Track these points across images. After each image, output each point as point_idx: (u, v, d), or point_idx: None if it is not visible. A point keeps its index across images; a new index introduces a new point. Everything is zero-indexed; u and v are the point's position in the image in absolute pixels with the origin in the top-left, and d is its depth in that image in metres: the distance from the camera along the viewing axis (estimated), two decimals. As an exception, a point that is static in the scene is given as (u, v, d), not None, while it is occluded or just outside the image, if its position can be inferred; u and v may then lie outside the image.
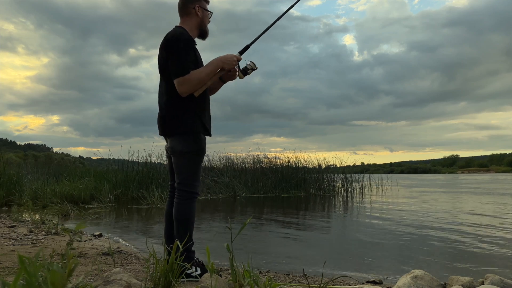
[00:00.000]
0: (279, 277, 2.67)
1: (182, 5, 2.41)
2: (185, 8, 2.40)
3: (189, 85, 2.24)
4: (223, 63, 2.35)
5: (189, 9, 2.39)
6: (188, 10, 2.39)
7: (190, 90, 2.26)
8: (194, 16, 2.40)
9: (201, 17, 2.41)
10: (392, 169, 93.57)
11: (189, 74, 2.23)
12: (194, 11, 2.39)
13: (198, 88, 2.28)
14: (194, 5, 2.39)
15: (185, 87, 2.23)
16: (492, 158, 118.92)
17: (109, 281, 1.72)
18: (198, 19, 2.41)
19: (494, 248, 3.77)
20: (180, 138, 2.33)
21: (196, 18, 2.40)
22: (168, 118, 2.37)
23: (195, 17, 2.40)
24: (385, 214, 6.76)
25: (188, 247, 2.27)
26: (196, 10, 2.39)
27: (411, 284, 2.02)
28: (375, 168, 32.27)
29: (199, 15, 2.40)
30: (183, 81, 2.22)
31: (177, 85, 2.24)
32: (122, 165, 11.07)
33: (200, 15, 2.40)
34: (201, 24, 2.43)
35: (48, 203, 7.44)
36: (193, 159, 2.36)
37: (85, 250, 3.33)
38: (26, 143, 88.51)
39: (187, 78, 2.22)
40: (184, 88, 2.23)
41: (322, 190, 13.00)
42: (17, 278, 0.87)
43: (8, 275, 2.29)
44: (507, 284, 2.07)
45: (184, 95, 2.26)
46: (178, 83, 2.23)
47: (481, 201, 9.24)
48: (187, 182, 2.35)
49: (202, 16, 2.42)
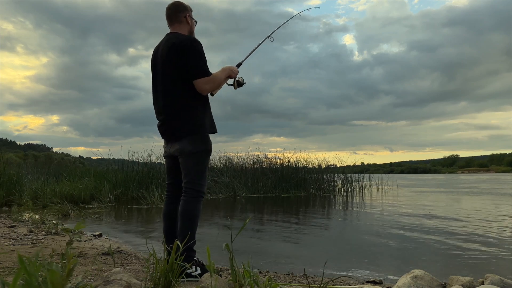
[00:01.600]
0: (279, 277, 2.67)
1: (174, 14, 2.57)
2: (177, 16, 2.57)
3: (212, 85, 2.44)
4: (232, 72, 2.62)
5: (180, 17, 2.57)
6: (180, 18, 2.57)
7: (212, 89, 2.48)
8: (185, 24, 2.58)
9: (190, 25, 2.61)
10: (392, 169, 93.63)
11: (213, 75, 2.44)
12: (185, 20, 2.58)
13: (216, 88, 2.52)
14: (184, 14, 2.58)
15: (209, 86, 2.42)
16: (492, 158, 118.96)
17: (109, 281, 1.72)
18: (188, 26, 2.60)
19: (494, 248, 3.77)
20: (189, 139, 2.41)
21: (186, 26, 2.59)
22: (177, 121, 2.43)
23: (186, 25, 2.59)
24: (385, 214, 6.76)
25: (190, 246, 2.30)
26: (187, 19, 2.58)
27: (411, 284, 2.02)
28: (375, 168, 32.25)
29: (189, 23, 2.60)
30: (208, 81, 2.40)
31: (202, 83, 2.39)
32: (122, 165, 11.08)
33: (189, 23, 2.60)
34: (190, 31, 2.61)
35: (48, 203, 7.44)
36: (201, 159, 2.45)
37: (85, 250, 3.33)
38: (26, 143, 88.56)
39: (212, 79, 2.42)
40: (208, 86, 2.42)
41: (322, 190, 13.00)
42: (17, 278, 0.87)
43: (8, 275, 2.29)
44: (507, 284, 2.07)
45: (206, 93, 2.45)
46: (202, 82, 2.39)
47: (481, 201, 9.24)
48: (195, 181, 2.42)
49: (191, 24, 2.61)
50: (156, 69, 2.52)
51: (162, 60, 2.45)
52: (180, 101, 2.41)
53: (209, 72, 2.42)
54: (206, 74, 2.39)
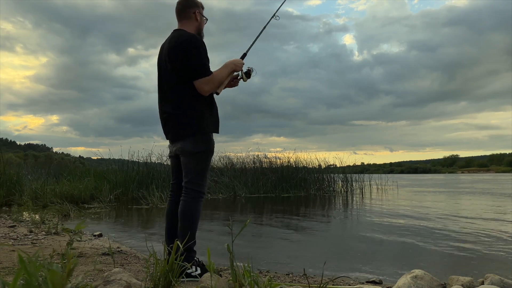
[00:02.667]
0: (279, 277, 2.67)
1: (183, 10, 2.51)
2: (185, 12, 2.51)
3: (213, 85, 2.38)
4: (236, 66, 2.53)
5: (189, 13, 2.51)
6: (188, 14, 2.51)
7: (213, 89, 2.41)
8: (193, 20, 2.52)
9: (199, 22, 2.55)
10: (392, 169, 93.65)
11: (212, 74, 2.37)
12: (194, 16, 2.52)
13: (217, 88, 2.45)
14: (193, 10, 2.52)
15: (209, 86, 2.37)
16: (492, 158, 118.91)
17: (109, 281, 1.72)
18: (196, 23, 2.54)
19: (494, 248, 3.77)
20: (191, 139, 2.39)
21: (195, 23, 2.53)
22: (178, 121, 2.41)
23: (195, 21, 2.53)
24: (385, 214, 6.76)
25: (190, 246, 2.30)
26: (196, 15, 2.52)
27: (411, 284, 2.02)
28: (375, 168, 32.30)
29: (198, 19, 2.53)
30: (208, 81, 2.35)
31: (201, 84, 2.34)
32: (122, 165, 11.07)
33: (198, 20, 2.54)
34: (199, 28, 2.56)
35: (48, 203, 7.44)
36: (202, 159, 2.43)
37: (85, 250, 3.33)
38: (26, 143, 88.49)
39: (211, 79, 2.36)
40: (209, 87, 2.36)
41: (322, 190, 13.00)
42: (17, 277, 0.87)
43: (8, 275, 2.29)
44: (507, 284, 2.07)
45: (206, 94, 2.39)
46: (202, 83, 2.34)
47: (480, 202, 9.24)
48: (195, 181, 2.41)
49: (200, 21, 2.55)
50: (161, 68, 2.50)
51: (165, 59, 2.43)
52: (183, 101, 2.38)
53: (208, 72, 2.35)
54: (205, 74, 2.33)
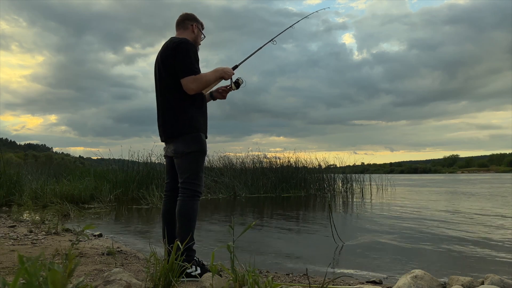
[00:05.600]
0: (279, 277, 2.67)
1: (182, 21, 2.60)
2: (184, 23, 2.60)
3: (199, 84, 2.39)
4: (225, 73, 2.56)
5: (187, 25, 2.59)
6: (186, 25, 2.59)
7: (199, 89, 2.42)
8: (190, 32, 2.60)
9: (195, 35, 2.61)
10: (392, 169, 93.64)
11: (200, 74, 2.40)
12: (191, 28, 2.60)
13: (204, 88, 2.48)
14: (192, 23, 2.61)
15: (195, 85, 2.38)
16: (492, 158, 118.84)
17: (109, 281, 1.72)
18: (192, 35, 2.60)
19: (494, 248, 3.77)
20: (182, 140, 2.43)
21: (191, 34, 2.60)
22: (171, 122, 2.46)
23: (191, 33, 2.60)
24: (385, 214, 6.76)
25: (190, 246, 2.31)
26: (193, 28, 2.60)
27: (411, 284, 2.02)
28: (375, 168, 32.31)
29: (195, 32, 2.60)
30: (194, 80, 2.36)
31: (187, 82, 2.36)
32: (122, 165, 11.07)
33: (195, 33, 2.61)
34: (195, 41, 2.60)
35: (48, 203, 7.43)
36: (196, 159, 2.46)
37: (85, 250, 3.33)
38: (26, 143, 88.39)
39: (198, 78, 2.38)
40: (194, 85, 2.38)
41: (322, 190, 13.00)
42: (17, 277, 0.87)
43: (8, 275, 2.29)
44: (507, 284, 2.07)
45: (192, 92, 2.40)
46: (188, 81, 2.36)
47: (480, 201, 9.24)
48: (190, 181, 2.44)
49: (196, 34, 2.61)
50: (156, 71, 2.57)
51: (158, 62, 2.51)
52: (174, 102, 2.44)
53: (196, 71, 2.38)
54: (192, 72, 2.36)
